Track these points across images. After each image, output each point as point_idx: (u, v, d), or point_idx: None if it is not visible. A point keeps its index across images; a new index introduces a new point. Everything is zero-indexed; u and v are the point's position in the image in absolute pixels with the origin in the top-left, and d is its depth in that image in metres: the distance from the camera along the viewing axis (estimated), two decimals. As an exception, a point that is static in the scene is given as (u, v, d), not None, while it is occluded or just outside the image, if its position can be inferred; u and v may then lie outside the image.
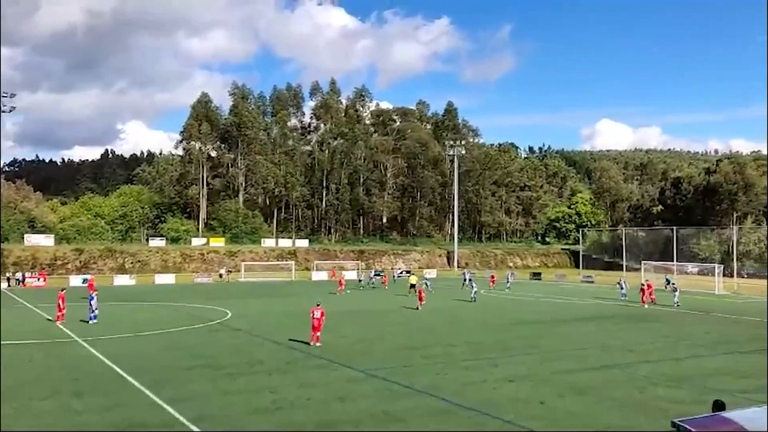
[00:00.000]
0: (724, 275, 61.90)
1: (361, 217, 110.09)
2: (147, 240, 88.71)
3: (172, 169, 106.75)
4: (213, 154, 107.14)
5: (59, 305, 31.25)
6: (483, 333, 29.01)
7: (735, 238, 74.04)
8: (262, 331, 28.76)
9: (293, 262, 78.85)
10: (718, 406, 9.22)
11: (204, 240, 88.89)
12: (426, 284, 50.65)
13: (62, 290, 33.22)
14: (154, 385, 17.44)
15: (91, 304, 31.36)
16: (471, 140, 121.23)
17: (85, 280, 55.50)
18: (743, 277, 72.23)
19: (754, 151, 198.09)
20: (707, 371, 20.37)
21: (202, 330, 29.75)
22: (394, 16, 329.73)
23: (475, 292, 44.97)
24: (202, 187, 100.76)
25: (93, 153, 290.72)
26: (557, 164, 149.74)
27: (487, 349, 24.47)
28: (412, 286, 47.85)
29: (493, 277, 59.48)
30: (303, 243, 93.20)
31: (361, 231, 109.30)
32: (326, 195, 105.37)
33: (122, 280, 64.03)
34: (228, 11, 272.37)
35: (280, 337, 27.03)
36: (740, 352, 24.36)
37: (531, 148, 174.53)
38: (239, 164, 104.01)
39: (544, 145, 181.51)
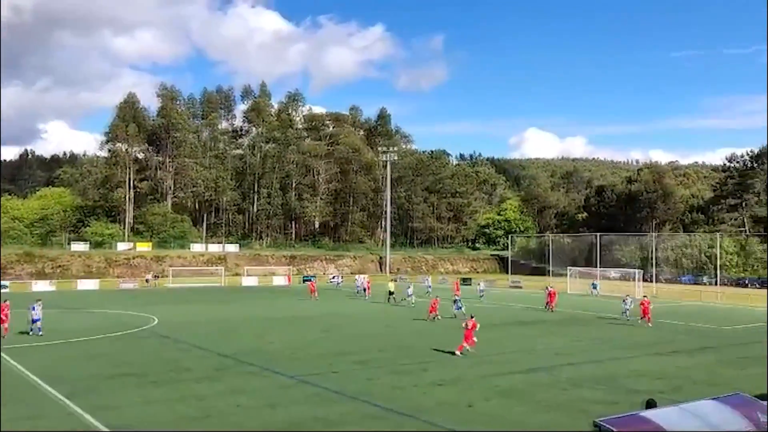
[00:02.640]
0: (643, 280, 64.98)
1: (293, 222, 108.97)
2: (69, 244, 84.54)
3: (96, 171, 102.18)
4: (140, 156, 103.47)
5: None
6: (415, 338, 29.18)
7: (654, 245, 77.81)
8: (190, 338, 27.90)
9: (223, 268, 77.11)
10: (649, 403, 9.66)
11: (130, 244, 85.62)
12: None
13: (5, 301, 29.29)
14: (73, 395, 16.64)
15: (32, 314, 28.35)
16: (404, 146, 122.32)
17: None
18: (661, 282, 76.02)
19: (671, 162, 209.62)
20: (627, 373, 21.22)
21: (127, 337, 28.58)
22: (329, 22, 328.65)
23: (459, 308, 37.33)
24: (128, 190, 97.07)
25: (10, 153, 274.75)
26: (487, 171, 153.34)
27: (419, 353, 24.62)
28: (391, 293, 47.18)
29: (457, 285, 59.52)
30: (233, 248, 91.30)
31: (293, 236, 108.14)
32: (257, 199, 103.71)
33: (41, 285, 60.85)
34: (157, 11, 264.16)
35: (209, 343, 26.31)
36: (658, 354, 25.53)
37: (462, 156, 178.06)
38: (168, 167, 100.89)
39: (474, 153, 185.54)
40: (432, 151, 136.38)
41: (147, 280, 67.77)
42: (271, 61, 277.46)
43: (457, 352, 23.73)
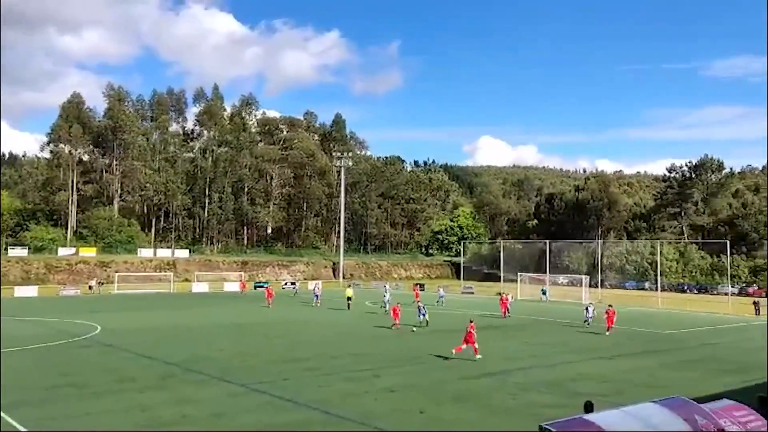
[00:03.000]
0: (590, 286, 66.71)
1: (245, 228, 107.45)
2: (6, 249, 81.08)
3: (37, 173, 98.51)
4: (85, 158, 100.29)
5: None
6: (368, 344, 29.13)
7: (600, 252, 79.96)
8: (135, 347, 27.08)
9: (172, 274, 75.35)
10: (587, 406, 9.97)
11: (73, 250, 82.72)
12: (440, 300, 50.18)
13: None
14: (8, 408, 15.87)
15: None
16: (358, 152, 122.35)
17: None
18: (606, 288, 78.18)
19: (616, 171, 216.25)
20: (574, 376, 21.69)
21: (67, 346, 27.53)
22: (284, 26, 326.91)
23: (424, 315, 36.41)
24: (72, 193, 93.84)
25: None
26: (441, 178, 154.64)
27: (371, 360, 24.59)
28: (349, 299, 46.96)
29: (416, 290, 59.69)
30: (183, 253, 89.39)
31: (245, 241, 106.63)
32: (209, 204, 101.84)
33: (-25, 293, 57.88)
34: (106, 10, 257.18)
35: (155, 352, 25.61)
36: (603, 358, 26.21)
37: (416, 162, 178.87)
38: (114, 170, 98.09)
39: (429, 159, 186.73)
40: (387, 157, 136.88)
41: (90, 287, 65.55)
42: (225, 63, 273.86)
43: (453, 351, 24.59)
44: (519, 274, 70.35)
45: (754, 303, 53.14)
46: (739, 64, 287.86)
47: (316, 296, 51.30)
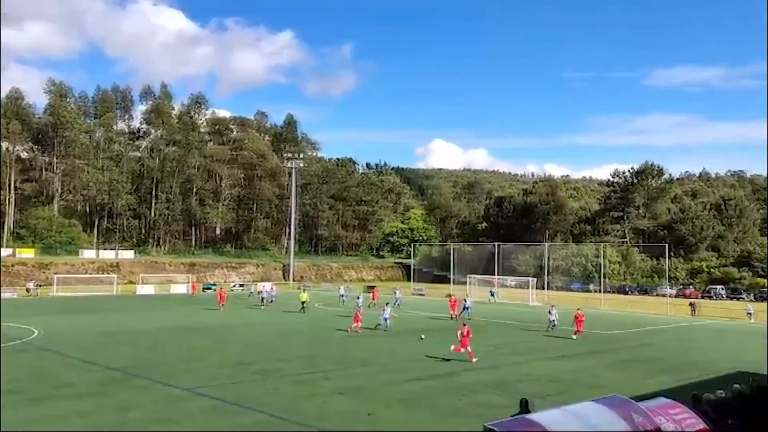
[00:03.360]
0: (537, 288, 68.17)
1: (194, 229, 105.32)
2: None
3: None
4: (24, 155, 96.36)
5: None
6: (317, 347, 28.93)
7: (547, 254, 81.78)
8: (75, 351, 26.12)
9: (116, 275, 73.09)
10: (523, 404, 10.20)
11: (9, 251, 79.31)
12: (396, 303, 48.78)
13: None
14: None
15: None
16: (310, 153, 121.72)
17: None
18: (553, 290, 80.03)
19: (563, 175, 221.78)
20: (520, 377, 22.09)
21: (2, 351, 26.31)
22: (236, 25, 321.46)
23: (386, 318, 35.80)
24: (9, 192, 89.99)
25: None
26: (393, 180, 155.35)
27: (320, 362, 24.44)
28: (303, 303, 46.24)
29: (373, 292, 59.33)
30: (128, 255, 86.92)
31: (194, 243, 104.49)
32: (156, 204, 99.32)
33: None
34: (50, 2, 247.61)
35: (96, 356, 24.76)
36: (549, 359, 26.81)
37: (369, 164, 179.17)
38: (55, 168, 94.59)
39: (381, 162, 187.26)
40: (339, 159, 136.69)
41: (28, 289, 62.94)
42: (174, 61, 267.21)
43: (452, 348, 25.10)
44: (468, 276, 71.29)
45: (691, 304, 55.43)
46: (679, 74, 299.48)
47: (263, 299, 50.73)
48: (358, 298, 48.18)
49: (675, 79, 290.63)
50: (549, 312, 37.52)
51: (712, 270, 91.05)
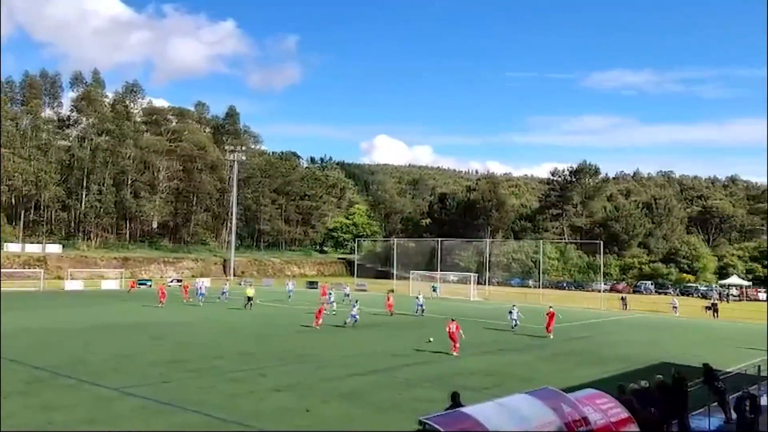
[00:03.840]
0: (478, 283, 69.42)
1: (127, 222, 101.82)
2: None
3: None
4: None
5: None
6: (255, 344, 28.48)
7: (488, 250, 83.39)
8: (-3, 350, 24.80)
9: (42, 270, 69.94)
10: (454, 397, 10.73)
11: (-73, 244, 74.81)
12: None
13: None
14: None
15: None
16: (252, 146, 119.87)
17: None
18: (493, 285, 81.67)
19: (505, 173, 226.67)
20: (458, 371, 22.37)
21: None
22: (175, 12, 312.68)
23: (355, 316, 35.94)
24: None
25: None
26: (337, 175, 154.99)
27: (257, 359, 24.07)
28: (249, 299, 45.18)
29: (324, 287, 58.61)
30: (56, 248, 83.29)
31: (127, 237, 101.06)
32: (86, 196, 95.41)
33: None
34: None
35: (20, 355, 23.57)
36: (487, 353, 27.30)
37: (312, 159, 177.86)
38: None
39: (325, 156, 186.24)
40: (282, 153, 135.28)
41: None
42: (107, 47, 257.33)
43: (454, 353, 25.63)
44: (411, 271, 71.88)
45: (622, 299, 57.73)
46: (613, 77, 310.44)
47: (202, 295, 49.57)
48: (330, 295, 47.86)
49: (610, 83, 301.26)
50: (510, 312, 36.33)
51: (642, 266, 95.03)
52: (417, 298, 46.97)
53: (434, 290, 64.41)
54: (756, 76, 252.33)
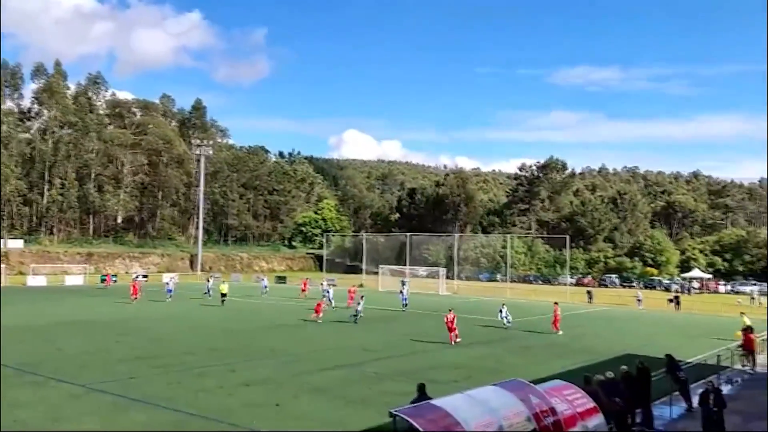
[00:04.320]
0: (447, 278, 69.93)
1: (91, 217, 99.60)
2: None
3: None
4: None
5: None
6: (224, 339, 28.26)
7: (457, 245, 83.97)
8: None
9: (3, 266, 68.01)
10: (420, 388, 11.11)
11: None
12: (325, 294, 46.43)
13: None
14: None
15: None
16: (220, 140, 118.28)
17: None
18: (462, 280, 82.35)
19: (474, 168, 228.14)
20: (429, 365, 22.58)
21: None
22: (139, 2, 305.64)
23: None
24: None
25: None
26: (306, 170, 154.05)
27: (226, 355, 23.89)
28: (224, 295, 44.21)
29: (305, 283, 57.37)
30: (17, 244, 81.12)
31: (91, 232, 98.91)
32: (48, 190, 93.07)
33: None
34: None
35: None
36: (457, 346, 27.53)
37: (281, 153, 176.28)
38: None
39: (294, 151, 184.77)
40: (250, 147, 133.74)
41: None
42: (70, 38, 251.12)
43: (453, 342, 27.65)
44: (380, 266, 72.00)
45: (588, 292, 58.83)
46: (579, 73, 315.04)
47: (170, 291, 48.65)
48: (328, 290, 47.13)
49: (576, 79, 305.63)
50: (500, 311, 35.09)
51: (607, 260, 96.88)
52: (401, 292, 46.75)
53: (403, 284, 64.44)
54: (720, 74, 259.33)
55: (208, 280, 53.29)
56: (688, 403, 16.74)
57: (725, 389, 19.30)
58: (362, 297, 38.33)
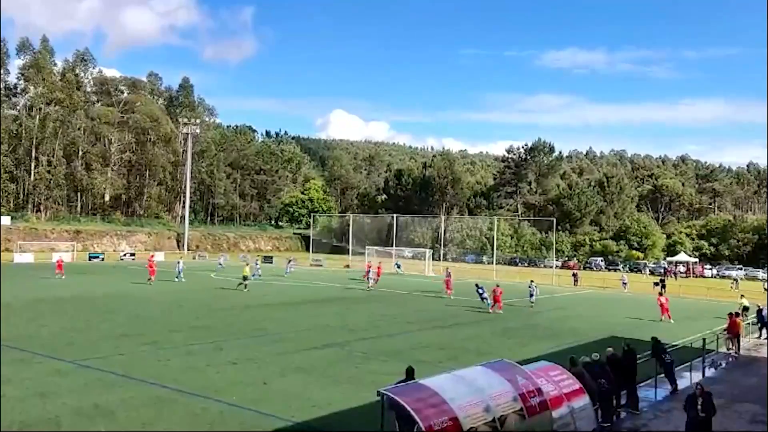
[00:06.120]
0: (433, 259, 70.19)
1: (79, 195, 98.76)
2: None
3: None
4: None
5: None
6: (210, 317, 28.26)
7: (443, 227, 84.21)
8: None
9: (-9, 243, 67.50)
10: (408, 372, 10.87)
11: None
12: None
13: None
14: None
15: None
16: (207, 119, 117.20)
17: None
18: (448, 261, 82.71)
19: (461, 150, 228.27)
20: (414, 345, 22.76)
21: None
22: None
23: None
24: None
25: None
26: (293, 150, 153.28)
27: (213, 333, 23.93)
28: (245, 278, 41.55)
29: (290, 261, 58.10)
30: (4, 221, 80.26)
31: (79, 209, 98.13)
32: (35, 167, 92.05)
33: None
34: None
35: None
36: (441, 327, 27.80)
37: (268, 133, 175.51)
38: None
39: (281, 131, 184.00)
40: (237, 126, 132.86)
41: None
42: (57, 14, 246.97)
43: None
44: (367, 247, 72.13)
45: (574, 275, 59.35)
46: (566, 56, 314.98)
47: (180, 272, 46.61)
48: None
49: (562, 62, 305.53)
50: (529, 286, 37.85)
51: (593, 243, 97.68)
52: (530, 288, 44.73)
53: (398, 267, 64.74)
54: (706, 58, 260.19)
55: (179, 262, 50.72)
56: (674, 385, 17.05)
57: (709, 372, 19.66)
58: (292, 260, 37.93)
